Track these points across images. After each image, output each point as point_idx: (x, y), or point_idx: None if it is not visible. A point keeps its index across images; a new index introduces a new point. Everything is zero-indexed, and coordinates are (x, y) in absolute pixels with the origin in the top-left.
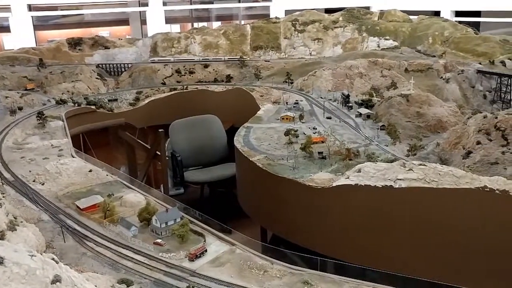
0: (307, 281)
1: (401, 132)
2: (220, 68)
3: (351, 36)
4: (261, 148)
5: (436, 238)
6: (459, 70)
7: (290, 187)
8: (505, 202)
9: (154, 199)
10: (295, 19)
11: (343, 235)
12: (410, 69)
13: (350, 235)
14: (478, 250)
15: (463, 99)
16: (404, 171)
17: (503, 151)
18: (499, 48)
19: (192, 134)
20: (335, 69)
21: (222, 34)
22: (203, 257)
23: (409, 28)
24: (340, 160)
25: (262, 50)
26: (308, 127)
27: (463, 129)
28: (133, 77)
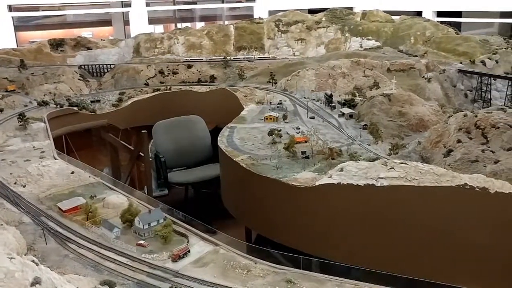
0: (290, 280)
1: (383, 131)
2: (203, 69)
3: (334, 36)
4: (244, 148)
5: (418, 235)
6: (440, 70)
7: (274, 187)
8: (485, 199)
9: (137, 201)
10: (278, 19)
11: (326, 234)
12: (393, 68)
13: (334, 233)
14: (459, 246)
15: (444, 98)
16: (385, 170)
17: (483, 149)
18: (479, 48)
19: (176, 135)
20: (318, 69)
21: (206, 35)
22: (186, 258)
23: (391, 28)
24: (323, 160)
25: (246, 51)
26: (291, 127)
27: (444, 127)
28: (116, 78)
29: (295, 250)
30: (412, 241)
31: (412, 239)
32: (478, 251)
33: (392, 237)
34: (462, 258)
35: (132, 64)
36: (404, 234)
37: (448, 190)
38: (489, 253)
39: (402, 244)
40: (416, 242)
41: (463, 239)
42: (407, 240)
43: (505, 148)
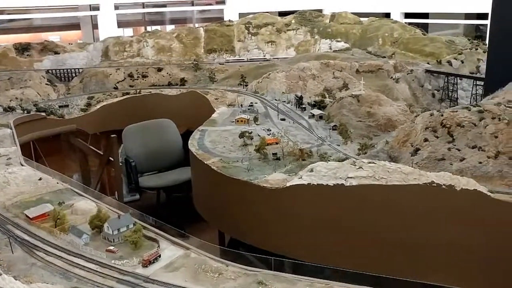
0: (262, 281)
1: (352, 131)
2: (174, 72)
3: (303, 38)
4: (215, 151)
5: (387, 233)
6: (408, 70)
7: (245, 189)
8: (452, 197)
9: (107, 206)
10: (248, 22)
11: (298, 234)
12: (361, 70)
13: (305, 234)
14: (428, 243)
15: (412, 98)
16: (354, 170)
17: (449, 148)
18: (445, 48)
19: (146, 139)
20: (288, 71)
21: (175, 37)
22: (157, 263)
23: (360, 30)
24: (294, 161)
25: (216, 53)
26: (262, 129)
27: (411, 127)
28: (85, 82)
29: (269, 252)
30: (381, 239)
31: (381, 237)
32: (447, 248)
33: (362, 236)
34: (431, 254)
35: (101, 68)
36: (373, 233)
37: (415, 188)
38: (457, 249)
39: (371, 242)
40: (385, 240)
41: (431, 236)
42: (376, 238)
43: (470, 146)
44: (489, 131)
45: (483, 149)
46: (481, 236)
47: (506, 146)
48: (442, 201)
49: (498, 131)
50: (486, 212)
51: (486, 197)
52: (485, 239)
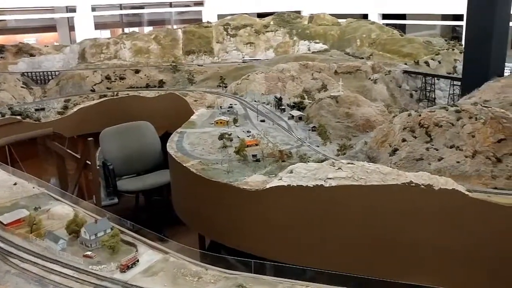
0: (242, 284)
1: (331, 132)
2: (152, 74)
3: (282, 40)
4: (195, 153)
5: (367, 233)
6: (386, 71)
7: (225, 191)
8: (430, 196)
9: (84, 211)
10: (227, 23)
11: (278, 236)
12: (340, 71)
13: (285, 235)
14: (407, 243)
15: (390, 99)
16: (333, 170)
17: (427, 147)
18: (423, 49)
19: (124, 141)
20: (267, 72)
21: (153, 39)
22: (135, 267)
23: (338, 31)
24: (274, 162)
25: (195, 55)
26: (242, 130)
27: (389, 127)
28: (61, 84)
29: (250, 254)
30: (361, 239)
31: (361, 237)
32: (426, 246)
33: (342, 237)
34: (411, 254)
35: (78, 70)
36: (353, 233)
37: (394, 188)
38: (436, 247)
39: (352, 243)
40: (365, 240)
41: (410, 235)
42: (357, 238)
43: (448, 146)
44: (466, 130)
45: (461, 149)
46: (459, 235)
47: (483, 145)
48: (421, 201)
49: (475, 130)
50: (464, 211)
51: (464, 196)
52: (463, 237)
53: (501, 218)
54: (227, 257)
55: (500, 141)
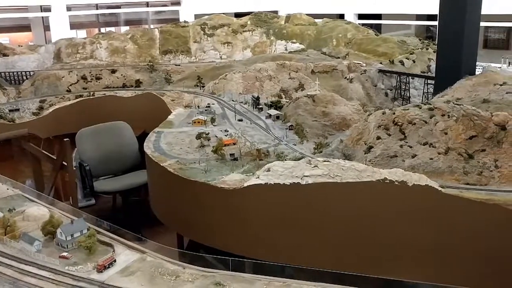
0: (219, 283)
1: (308, 131)
2: (128, 73)
3: (259, 39)
4: (172, 153)
5: (343, 230)
6: (361, 70)
7: (203, 190)
8: (404, 192)
9: (60, 212)
10: (204, 23)
11: (256, 234)
12: (316, 70)
13: (263, 233)
14: (382, 238)
15: (366, 98)
16: (310, 168)
17: (401, 145)
18: (397, 48)
19: (101, 142)
20: (245, 72)
21: (130, 39)
22: (112, 268)
23: (315, 31)
24: (251, 161)
25: (172, 54)
26: (219, 130)
27: (364, 125)
28: (36, 85)
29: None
30: (338, 236)
31: (338, 234)
32: (401, 242)
33: (319, 233)
34: (386, 249)
35: (53, 71)
36: (330, 230)
37: (369, 185)
38: (411, 242)
39: (329, 239)
40: (342, 236)
41: (385, 231)
42: (333, 235)
43: (421, 143)
44: (439, 128)
45: (434, 146)
46: (433, 230)
47: (455, 142)
48: (395, 197)
49: (447, 127)
50: (437, 207)
51: (437, 192)
52: (436, 232)
53: (473, 213)
54: (205, 255)
55: (471, 138)
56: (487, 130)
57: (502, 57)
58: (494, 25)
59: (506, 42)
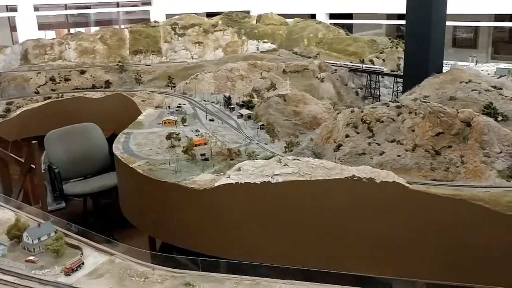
0: (189, 283)
1: (280, 130)
2: (98, 74)
3: (231, 39)
4: (142, 153)
5: (314, 227)
6: (332, 70)
7: (173, 191)
8: (372, 189)
9: (27, 215)
10: (175, 23)
11: (228, 234)
12: (288, 70)
13: (234, 232)
14: (352, 234)
15: (337, 97)
16: (280, 167)
17: (369, 142)
18: (367, 47)
19: (70, 144)
20: (216, 72)
21: (99, 39)
22: (80, 270)
23: (286, 31)
24: (222, 161)
25: (142, 54)
26: (190, 130)
27: (333, 124)
28: (2, 87)
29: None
30: (309, 233)
31: (308, 231)
32: (370, 237)
33: (289, 231)
34: (356, 245)
35: (20, 72)
36: (301, 227)
37: (338, 182)
38: (379, 238)
39: (299, 237)
40: (312, 234)
41: (355, 227)
42: (304, 232)
43: (389, 140)
44: (407, 125)
45: (401, 143)
46: (401, 225)
47: (422, 139)
48: (364, 194)
49: (414, 125)
50: (405, 202)
51: (404, 188)
52: (404, 227)
53: (440, 208)
54: (175, 256)
55: (438, 135)
56: (453, 127)
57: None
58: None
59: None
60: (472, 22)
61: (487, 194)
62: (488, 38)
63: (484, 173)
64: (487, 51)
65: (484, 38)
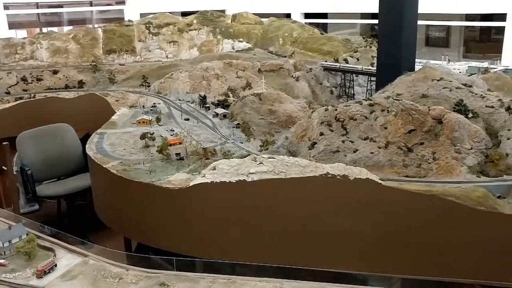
0: (164, 283)
1: (255, 129)
2: (71, 74)
3: (206, 38)
4: (115, 154)
5: (289, 225)
6: (307, 69)
7: (147, 191)
8: (346, 186)
9: None
10: (149, 22)
11: (204, 233)
12: (263, 69)
13: (210, 232)
14: (327, 231)
15: (312, 96)
16: (255, 165)
17: (343, 140)
18: (342, 47)
19: (43, 145)
20: (191, 71)
21: (72, 39)
22: (53, 272)
23: (261, 30)
24: (198, 160)
25: (116, 54)
26: (165, 129)
27: (308, 122)
28: None
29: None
30: (284, 231)
31: (284, 229)
32: (345, 234)
33: (265, 229)
34: (331, 241)
35: None
36: (276, 225)
37: (312, 180)
38: (354, 235)
39: (275, 235)
40: (288, 231)
41: (330, 224)
42: (279, 230)
43: (362, 138)
44: (379, 123)
45: (374, 140)
46: (375, 222)
47: (395, 136)
48: (338, 191)
49: (387, 122)
50: (378, 199)
51: (377, 185)
52: (378, 224)
53: (413, 204)
54: (149, 256)
55: (410, 132)
56: (425, 124)
57: (443, 54)
58: (435, 23)
59: (446, 40)
60: (444, 21)
61: (458, 190)
62: (460, 37)
63: (455, 169)
64: (459, 50)
65: (456, 37)
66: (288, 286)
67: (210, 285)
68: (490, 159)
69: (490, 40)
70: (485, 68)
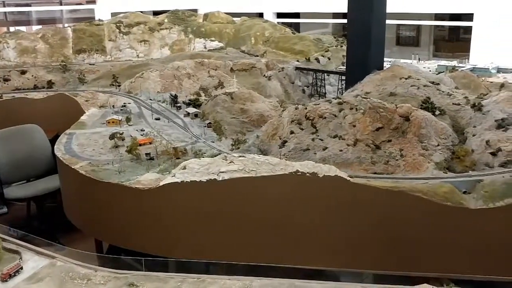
0: (133, 283)
1: (227, 128)
2: (39, 74)
3: (177, 37)
4: (84, 154)
5: (260, 223)
6: (279, 68)
7: (116, 192)
8: (315, 183)
9: None
10: (119, 21)
11: (174, 233)
12: (235, 68)
13: (181, 232)
14: (298, 228)
15: (284, 95)
16: (226, 164)
17: (313, 138)
18: (313, 46)
19: (11, 146)
20: (162, 70)
21: (40, 38)
22: (19, 275)
23: (233, 29)
24: (168, 160)
25: (86, 54)
26: (135, 129)
27: (279, 121)
28: None
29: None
30: (255, 229)
31: (255, 227)
32: (315, 230)
33: (236, 228)
34: (302, 238)
35: None
36: (247, 224)
37: (282, 178)
38: (324, 231)
39: (246, 233)
40: (259, 229)
41: (300, 221)
42: (250, 228)
43: (331, 136)
44: (348, 121)
45: (343, 138)
46: (343, 218)
47: (363, 134)
48: (307, 188)
49: (355, 120)
50: (347, 196)
51: (346, 182)
52: (347, 220)
53: (380, 200)
54: (118, 257)
55: (378, 130)
56: (393, 122)
57: (413, 53)
58: (404, 23)
59: (416, 40)
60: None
61: (425, 186)
62: (430, 37)
63: (422, 166)
64: (429, 49)
65: (426, 36)
66: (258, 283)
67: (179, 285)
68: (456, 156)
69: (458, 39)
70: (452, 66)
